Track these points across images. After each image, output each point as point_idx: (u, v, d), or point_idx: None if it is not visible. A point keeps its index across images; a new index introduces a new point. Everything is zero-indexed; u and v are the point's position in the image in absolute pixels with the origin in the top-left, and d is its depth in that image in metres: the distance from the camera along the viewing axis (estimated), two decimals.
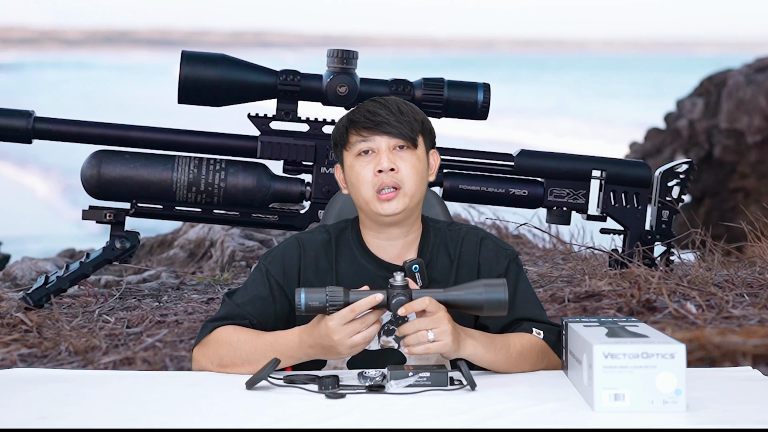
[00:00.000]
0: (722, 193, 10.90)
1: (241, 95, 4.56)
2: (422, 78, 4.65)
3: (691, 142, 10.74)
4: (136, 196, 4.55)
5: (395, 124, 2.93)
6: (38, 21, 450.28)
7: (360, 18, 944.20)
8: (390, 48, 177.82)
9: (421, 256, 3.00)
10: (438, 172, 4.69)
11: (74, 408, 2.58)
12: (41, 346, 4.01)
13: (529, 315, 2.99)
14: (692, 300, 4.19)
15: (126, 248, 4.62)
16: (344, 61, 4.58)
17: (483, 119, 4.67)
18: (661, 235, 4.81)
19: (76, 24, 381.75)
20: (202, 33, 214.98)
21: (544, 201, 4.77)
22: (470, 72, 78.06)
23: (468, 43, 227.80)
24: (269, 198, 4.61)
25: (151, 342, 4.04)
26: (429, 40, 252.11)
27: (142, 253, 6.58)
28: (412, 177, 2.94)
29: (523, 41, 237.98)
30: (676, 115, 11.01)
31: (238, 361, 2.85)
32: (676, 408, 2.48)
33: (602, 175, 4.80)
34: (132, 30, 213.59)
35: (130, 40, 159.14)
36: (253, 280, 2.99)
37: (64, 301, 4.74)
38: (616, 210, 4.80)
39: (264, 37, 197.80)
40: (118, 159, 4.53)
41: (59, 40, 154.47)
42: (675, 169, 4.83)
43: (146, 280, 5.45)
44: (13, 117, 4.54)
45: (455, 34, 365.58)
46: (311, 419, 2.48)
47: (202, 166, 4.54)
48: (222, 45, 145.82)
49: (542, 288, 4.71)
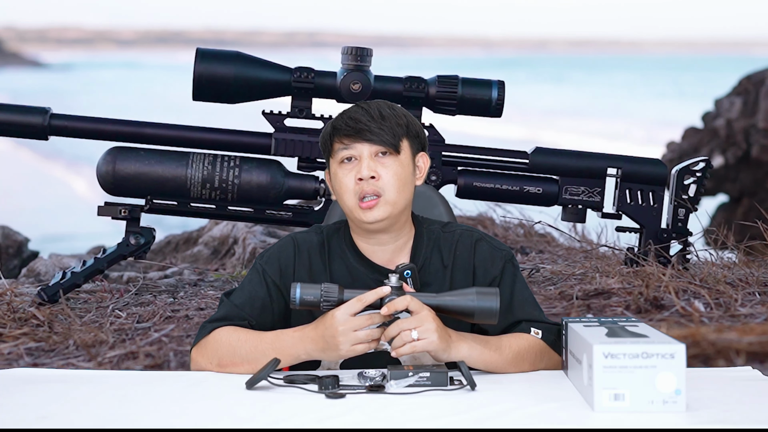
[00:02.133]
0: (760, 193, 10.78)
1: (255, 92, 4.57)
2: (437, 75, 4.64)
3: (729, 141, 10.65)
4: (150, 193, 4.58)
5: (376, 131, 2.90)
6: (92, 21, 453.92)
7: (413, 18, 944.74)
8: (442, 48, 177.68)
9: (414, 259, 2.99)
10: (452, 169, 4.70)
11: (74, 408, 2.60)
12: (49, 340, 4.05)
13: (527, 316, 2.98)
14: (701, 298, 4.17)
15: (140, 244, 4.65)
16: (358, 58, 4.58)
17: (497, 117, 4.66)
18: (677, 233, 4.78)
19: (130, 24, 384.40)
20: (255, 33, 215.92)
21: (559, 199, 4.75)
22: (521, 72, 77.83)
23: (521, 43, 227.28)
24: (283, 195, 4.63)
25: (157, 337, 4.07)
26: (482, 40, 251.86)
27: (168, 249, 6.62)
28: (393, 184, 2.92)
29: (577, 41, 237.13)
30: (713, 115, 10.91)
31: (237, 361, 2.86)
32: (676, 408, 2.48)
33: (617, 172, 4.78)
34: (185, 30, 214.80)
35: (183, 40, 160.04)
36: (250, 280, 2.99)
37: (80, 297, 4.77)
38: (632, 208, 4.78)
39: (317, 38, 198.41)
40: (133, 156, 4.56)
41: (113, 40, 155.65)
42: (691, 167, 4.80)
43: (168, 277, 5.48)
44: (29, 114, 4.59)
45: (508, 34, 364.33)
46: (311, 419, 2.48)
47: (216, 162, 4.56)
48: (275, 45, 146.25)
49: (554, 285, 4.70)
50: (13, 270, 6.27)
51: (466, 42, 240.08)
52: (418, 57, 41.94)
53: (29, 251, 6.57)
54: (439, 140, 4.72)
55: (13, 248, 6.43)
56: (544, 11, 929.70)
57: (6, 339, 4.09)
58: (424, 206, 3.45)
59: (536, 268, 5.06)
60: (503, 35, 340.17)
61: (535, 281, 4.86)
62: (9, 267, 6.37)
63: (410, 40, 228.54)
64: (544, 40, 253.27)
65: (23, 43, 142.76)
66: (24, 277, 5.70)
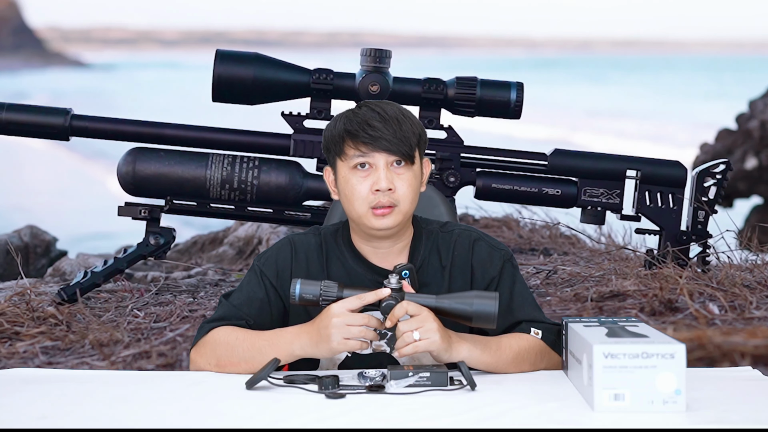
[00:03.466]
0: None
1: (274, 94, 4.60)
2: (455, 77, 4.65)
3: (762, 143, 10.54)
4: (170, 193, 4.62)
5: (395, 141, 2.86)
6: (136, 22, 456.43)
7: (457, 18, 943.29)
8: (485, 48, 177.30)
9: (412, 260, 2.99)
10: (471, 170, 4.71)
11: (74, 408, 2.61)
12: (65, 339, 4.08)
13: (527, 317, 2.98)
14: (716, 301, 4.15)
15: (160, 244, 4.69)
16: (377, 60, 4.59)
17: (516, 118, 4.66)
18: (697, 235, 4.76)
19: (173, 24, 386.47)
20: (297, 33, 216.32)
21: (578, 200, 4.74)
22: (563, 72, 77.57)
23: (564, 43, 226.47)
24: (302, 196, 4.65)
25: (172, 336, 4.09)
26: (525, 40, 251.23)
27: (194, 249, 6.66)
28: (408, 195, 2.91)
29: (621, 41, 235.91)
30: (747, 116, 10.82)
31: (235, 360, 2.86)
32: (676, 408, 2.48)
33: (637, 174, 4.76)
34: (228, 30, 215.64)
35: (226, 40, 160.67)
36: (248, 281, 3.00)
37: (101, 296, 4.81)
38: (651, 210, 4.76)
39: (360, 38, 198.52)
40: (153, 156, 4.60)
41: (156, 40, 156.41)
42: (711, 170, 4.77)
43: (191, 277, 5.51)
44: (51, 115, 4.64)
45: (552, 34, 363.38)
46: (311, 419, 2.49)
47: (235, 163, 4.59)
48: (317, 45, 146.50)
49: (571, 287, 4.69)
50: (41, 269, 6.32)
51: (511, 42, 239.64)
52: (461, 57, 41.65)
53: (57, 251, 6.61)
54: (458, 142, 4.72)
55: (41, 247, 6.48)
56: (588, 11, 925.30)
57: (23, 338, 4.13)
58: (425, 206, 3.45)
59: (554, 270, 5.05)
60: (547, 35, 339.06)
61: (553, 283, 4.86)
62: (37, 266, 6.42)
63: (454, 40, 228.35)
64: (587, 41, 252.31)
65: (67, 43, 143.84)
66: (50, 277, 5.75)
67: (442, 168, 4.69)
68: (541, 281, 4.89)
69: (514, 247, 6.07)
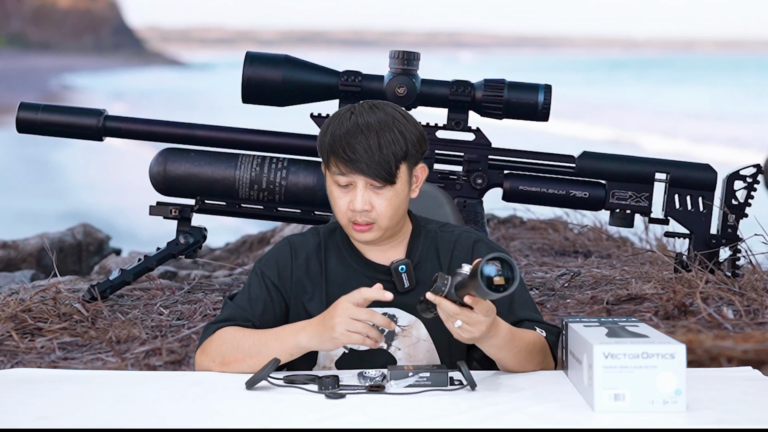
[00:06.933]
0: None
1: (303, 95, 4.65)
2: (483, 79, 4.65)
3: None
4: (200, 193, 4.69)
5: (371, 165, 2.85)
6: (235, 21, 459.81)
7: (556, 16, 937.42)
8: (584, 49, 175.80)
9: (410, 257, 2.99)
10: (498, 173, 4.71)
11: (74, 408, 2.61)
12: (85, 336, 4.16)
13: (528, 316, 2.97)
14: (733, 305, 4.11)
15: (190, 243, 4.76)
16: (405, 62, 4.62)
17: (544, 121, 4.65)
18: (727, 239, 4.71)
19: (272, 24, 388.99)
20: (396, 33, 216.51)
21: (606, 203, 4.72)
22: (664, 73, 76.62)
23: (666, 43, 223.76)
24: None
25: (187, 333, 4.15)
26: (626, 40, 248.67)
27: (243, 249, 6.73)
28: (387, 213, 2.90)
29: (725, 42, 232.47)
30: None
31: (240, 356, 2.86)
32: (676, 408, 2.47)
33: (666, 177, 4.72)
34: (327, 30, 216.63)
35: (324, 40, 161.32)
36: (250, 283, 3.02)
37: (133, 294, 4.89)
38: (681, 213, 4.71)
39: (457, 38, 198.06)
40: (184, 157, 4.68)
41: (254, 40, 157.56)
42: (741, 173, 4.72)
43: (231, 276, 5.57)
44: (84, 115, 4.75)
45: (654, 34, 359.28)
46: (311, 419, 2.49)
47: (264, 164, 4.65)
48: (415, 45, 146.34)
49: (592, 290, 4.67)
50: (93, 267, 6.43)
51: (611, 42, 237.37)
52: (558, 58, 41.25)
53: (110, 249, 6.73)
54: (486, 144, 4.73)
55: (93, 245, 6.60)
56: (691, 11, 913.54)
57: (45, 333, 4.22)
58: (429, 206, 3.43)
59: (577, 272, 5.03)
60: (648, 35, 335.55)
61: (576, 285, 4.84)
62: (90, 264, 6.55)
63: (552, 40, 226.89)
64: (691, 41, 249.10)
65: (166, 43, 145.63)
66: (96, 274, 5.86)
67: (470, 170, 4.70)
68: (563, 284, 4.87)
69: (558, 249, 6.05)
